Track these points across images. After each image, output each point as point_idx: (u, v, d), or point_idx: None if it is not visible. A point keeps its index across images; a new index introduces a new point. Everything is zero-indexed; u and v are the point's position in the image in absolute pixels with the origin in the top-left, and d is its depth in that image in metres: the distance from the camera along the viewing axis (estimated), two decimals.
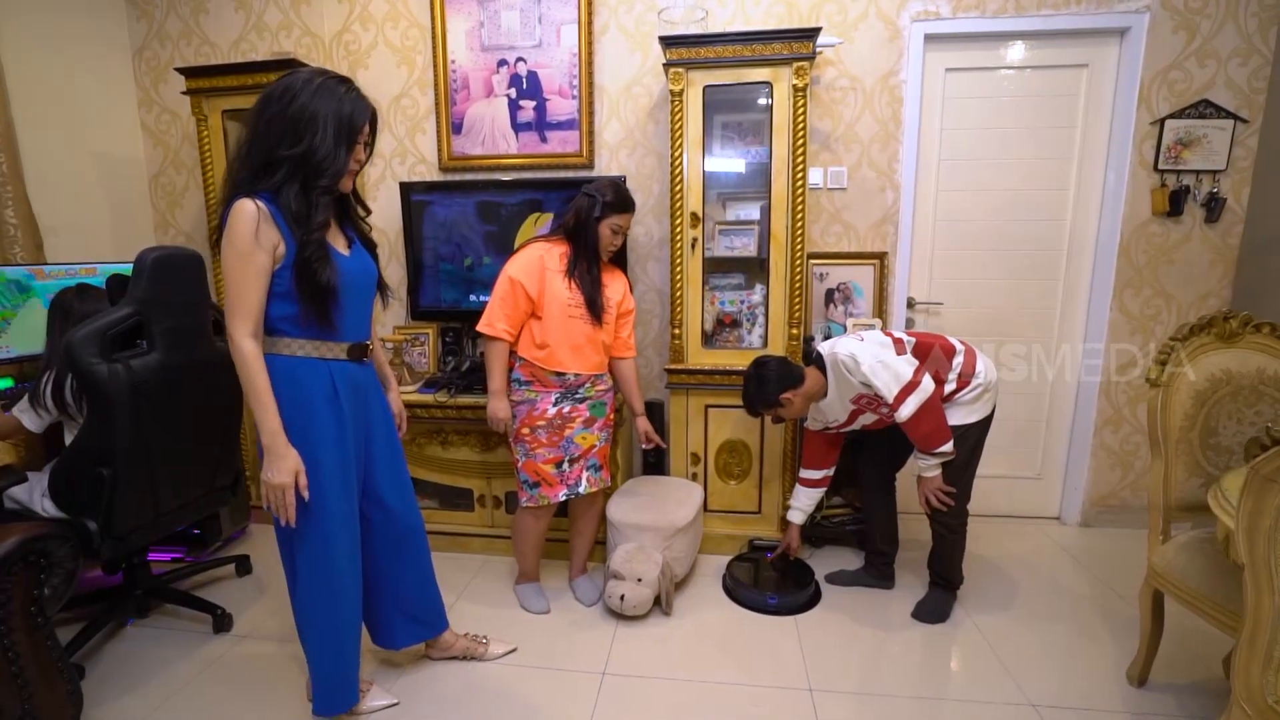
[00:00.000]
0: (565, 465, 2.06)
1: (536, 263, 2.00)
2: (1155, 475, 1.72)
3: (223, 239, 1.35)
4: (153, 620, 2.11)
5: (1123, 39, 2.52)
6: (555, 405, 2.03)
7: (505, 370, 2.03)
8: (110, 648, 1.97)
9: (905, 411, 1.90)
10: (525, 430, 2.04)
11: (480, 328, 2.02)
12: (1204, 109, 2.48)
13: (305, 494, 1.41)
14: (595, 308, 2.01)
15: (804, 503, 2.27)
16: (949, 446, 1.92)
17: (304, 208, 1.37)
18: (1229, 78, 2.47)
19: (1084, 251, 2.67)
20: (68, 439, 1.87)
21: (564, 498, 2.07)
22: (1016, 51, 2.59)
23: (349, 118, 1.39)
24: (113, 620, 2.01)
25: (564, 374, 2.02)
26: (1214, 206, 2.51)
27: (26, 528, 1.47)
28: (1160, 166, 2.52)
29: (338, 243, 1.50)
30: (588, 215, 2.00)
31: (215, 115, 2.57)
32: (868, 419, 2.10)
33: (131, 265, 1.77)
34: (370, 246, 1.59)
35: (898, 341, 2.00)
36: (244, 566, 2.40)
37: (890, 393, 1.90)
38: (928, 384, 1.90)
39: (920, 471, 2.00)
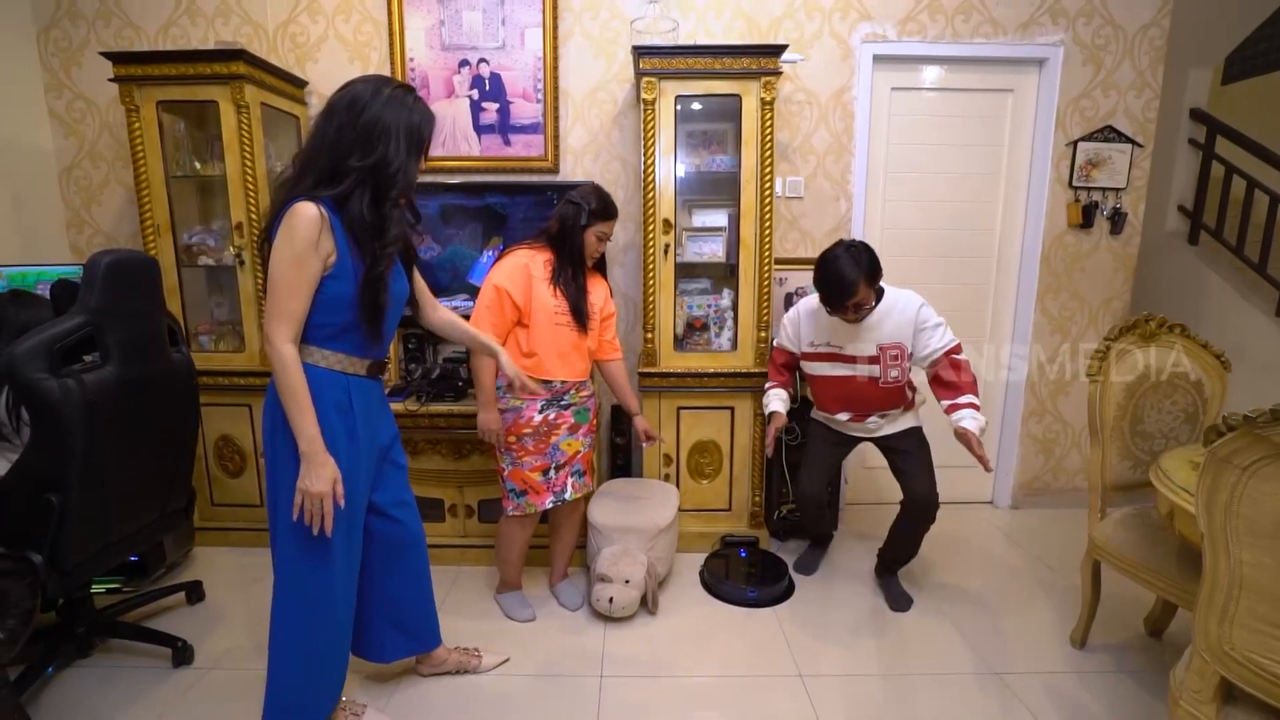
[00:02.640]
0: (551, 472, 2.05)
1: (522, 270, 1.98)
2: (1094, 460, 1.93)
3: (278, 238, 1.29)
4: (98, 659, 1.91)
5: (1041, 68, 2.81)
6: (540, 413, 2.02)
7: (493, 380, 2.00)
8: (53, 692, 1.77)
9: (962, 357, 2.10)
10: (511, 439, 2.02)
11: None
12: (1108, 134, 2.81)
13: (341, 503, 1.36)
14: (581, 315, 2.02)
15: (780, 397, 2.31)
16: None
17: (377, 220, 1.34)
18: (1127, 107, 2.81)
19: (1011, 258, 2.95)
20: None
21: (551, 504, 2.07)
22: (952, 75, 2.82)
23: (418, 128, 1.38)
24: (56, 661, 1.81)
25: (550, 382, 2.02)
26: (1117, 220, 2.85)
27: None
28: (1074, 184, 2.83)
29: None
30: (573, 223, 2.00)
31: (149, 106, 2.35)
32: (870, 370, 2.15)
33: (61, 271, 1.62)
34: (408, 265, 1.56)
35: None
36: (196, 593, 2.22)
37: (946, 341, 2.09)
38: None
39: (972, 425, 2.02)
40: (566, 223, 2.00)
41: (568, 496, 2.08)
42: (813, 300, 2.22)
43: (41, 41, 2.70)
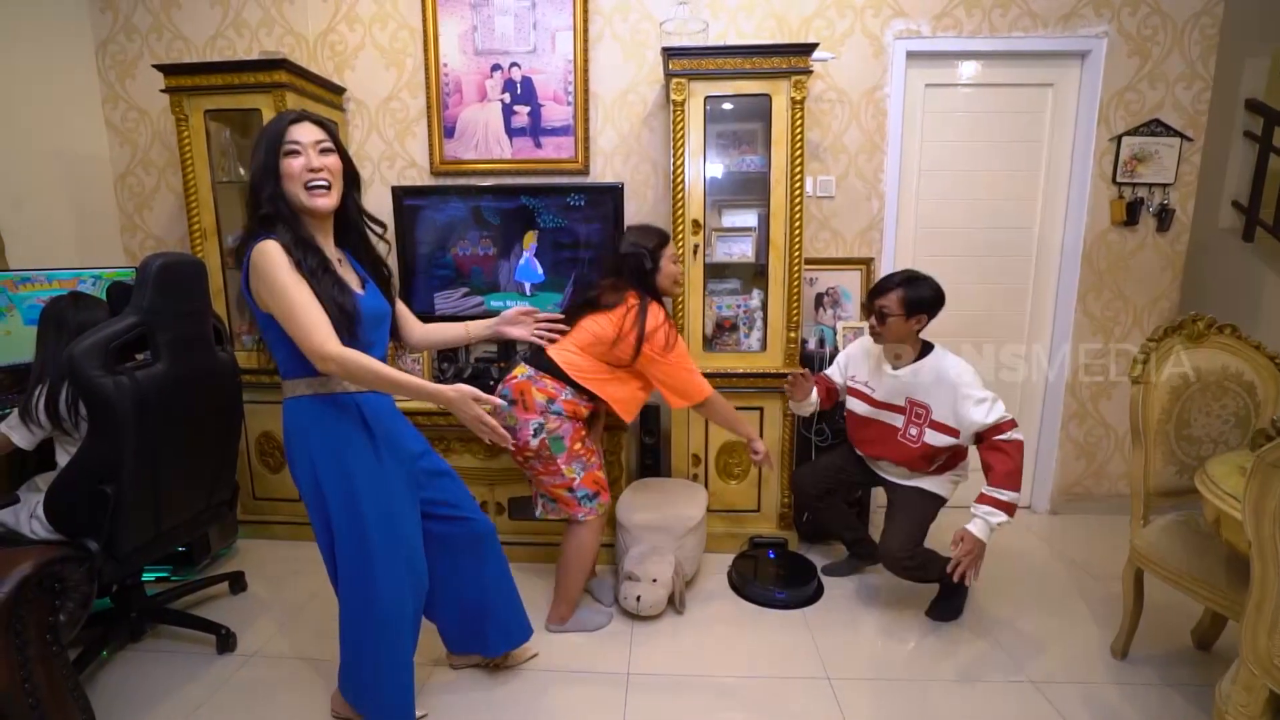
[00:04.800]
0: (604, 469, 2.11)
1: (674, 328, 2.02)
2: (1136, 464, 1.87)
3: (263, 278, 1.33)
4: (149, 643, 2.01)
5: (1084, 61, 2.72)
6: (575, 422, 2.01)
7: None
8: (108, 674, 1.87)
9: (1005, 438, 1.93)
10: (578, 446, 1.98)
11: (706, 392, 2.02)
12: (1155, 127, 2.71)
13: (495, 402, 1.40)
14: None
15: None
16: (1016, 501, 1.91)
17: (290, 234, 1.37)
18: (1176, 99, 2.71)
19: (1051, 257, 2.87)
20: (59, 456, 1.77)
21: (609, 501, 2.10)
22: (989, 70, 2.75)
23: (272, 132, 1.38)
24: (111, 644, 1.91)
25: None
26: (1164, 217, 2.74)
27: (40, 552, 1.40)
28: (1118, 180, 2.73)
29: (350, 279, 1.48)
30: (645, 268, 2.00)
31: (197, 115, 2.46)
32: (891, 419, 2.13)
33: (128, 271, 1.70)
34: (383, 282, 1.58)
35: None
36: (239, 583, 2.31)
37: (991, 418, 1.94)
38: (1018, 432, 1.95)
39: (976, 528, 1.89)
40: (643, 272, 2.00)
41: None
42: (869, 340, 2.21)
43: (100, 55, 2.84)
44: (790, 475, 2.40)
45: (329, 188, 1.41)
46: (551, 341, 1.93)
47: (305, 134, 1.38)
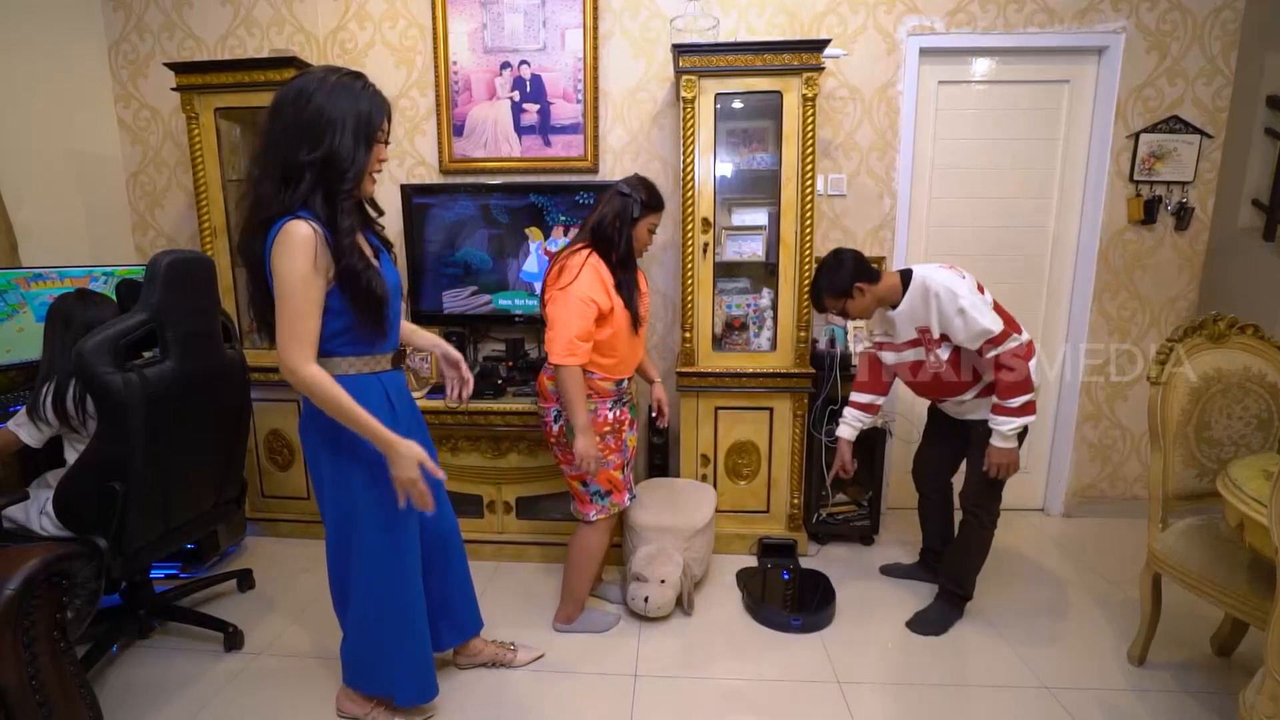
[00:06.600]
0: (627, 469, 2.04)
1: (599, 276, 1.85)
2: (1155, 467, 1.83)
3: (279, 262, 1.28)
4: (156, 640, 2.02)
5: (1101, 57, 2.68)
6: (612, 410, 1.97)
7: (584, 395, 1.85)
8: (116, 670, 1.87)
9: (1001, 350, 1.85)
10: (596, 439, 1.94)
11: (561, 359, 1.78)
12: (1174, 124, 2.66)
13: (438, 474, 1.40)
14: (637, 316, 1.95)
15: (852, 420, 2.22)
16: (1030, 400, 1.87)
17: (330, 214, 1.32)
18: (1196, 96, 2.66)
19: (1066, 256, 2.83)
20: (67, 453, 1.78)
21: (629, 502, 2.05)
22: (1004, 66, 2.71)
23: (367, 115, 1.32)
24: (119, 641, 1.91)
25: (621, 381, 2.00)
26: (1183, 215, 2.70)
27: (48, 548, 1.39)
28: (1135, 177, 2.69)
29: (365, 252, 1.47)
30: (625, 216, 1.87)
31: (208, 113, 2.46)
32: (916, 354, 2.03)
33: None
34: (390, 249, 1.56)
35: (980, 287, 1.96)
36: (246, 581, 2.32)
37: (974, 331, 1.85)
38: (1020, 336, 1.89)
39: (995, 439, 1.90)
40: (618, 217, 1.87)
41: (635, 492, 2.08)
42: None
43: (112, 55, 2.85)
44: (913, 471, 2.36)
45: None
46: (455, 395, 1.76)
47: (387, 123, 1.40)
